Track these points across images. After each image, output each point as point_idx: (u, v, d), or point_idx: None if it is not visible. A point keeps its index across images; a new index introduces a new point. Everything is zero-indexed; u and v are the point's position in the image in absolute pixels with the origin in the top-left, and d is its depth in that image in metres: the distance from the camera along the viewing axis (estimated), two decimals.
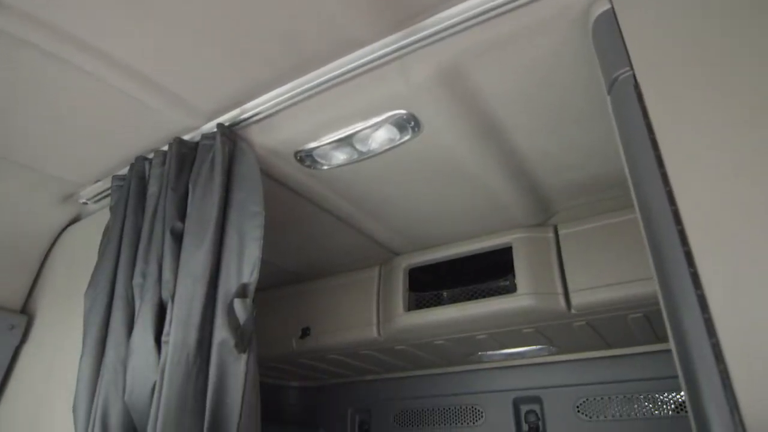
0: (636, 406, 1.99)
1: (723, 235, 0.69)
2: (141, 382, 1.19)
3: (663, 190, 0.75)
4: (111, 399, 1.21)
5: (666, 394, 1.95)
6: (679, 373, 0.71)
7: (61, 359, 1.43)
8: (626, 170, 0.84)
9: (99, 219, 1.64)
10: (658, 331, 1.83)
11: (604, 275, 1.58)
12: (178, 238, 1.28)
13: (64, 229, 1.85)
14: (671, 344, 0.74)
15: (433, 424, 2.34)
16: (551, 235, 1.75)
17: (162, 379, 1.16)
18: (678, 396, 1.93)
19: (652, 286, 1.51)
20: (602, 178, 1.60)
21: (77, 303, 1.39)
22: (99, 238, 1.50)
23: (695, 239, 0.70)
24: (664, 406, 1.95)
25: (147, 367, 1.19)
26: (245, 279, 1.24)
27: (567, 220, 1.77)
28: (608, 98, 0.92)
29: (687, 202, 0.73)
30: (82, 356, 1.28)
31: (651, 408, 1.96)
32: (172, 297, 1.22)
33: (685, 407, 1.89)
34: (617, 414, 2.00)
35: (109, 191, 1.60)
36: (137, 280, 1.31)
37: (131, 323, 1.26)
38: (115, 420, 1.20)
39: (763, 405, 0.59)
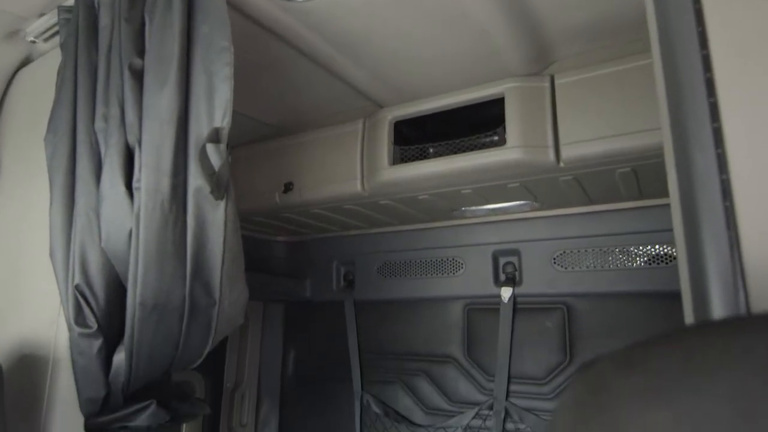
0: (611, 258, 2.06)
1: (755, 63, 0.61)
2: (116, 229, 1.16)
3: (691, 8, 0.64)
4: (87, 246, 1.18)
5: (641, 248, 2.01)
6: (677, 212, 0.68)
7: (32, 207, 1.37)
8: None
9: (52, 59, 1.48)
10: (643, 187, 1.83)
11: (598, 127, 1.52)
12: (138, 76, 1.16)
13: (15, 73, 1.68)
14: (672, 184, 0.69)
15: (415, 275, 2.44)
16: (547, 84, 1.64)
17: (138, 226, 1.13)
18: (652, 249, 1.99)
19: (647, 139, 1.47)
20: (611, 19, 1.45)
21: (41, 150, 1.30)
22: (54, 79, 1.35)
23: (721, 64, 0.61)
24: (638, 259, 2.03)
25: (121, 214, 1.15)
26: (217, 123, 1.15)
27: (564, 70, 1.65)
28: None
29: (717, 19, 0.63)
30: (51, 204, 1.23)
31: (624, 260, 2.04)
32: (139, 141, 1.13)
33: (657, 259, 1.97)
34: (591, 266, 2.09)
35: (58, 27, 1.42)
36: (99, 124, 1.20)
37: (98, 169, 1.19)
38: (94, 266, 1.19)
39: (766, 243, 0.56)
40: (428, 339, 2.40)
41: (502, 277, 2.26)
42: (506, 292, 2.20)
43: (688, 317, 0.64)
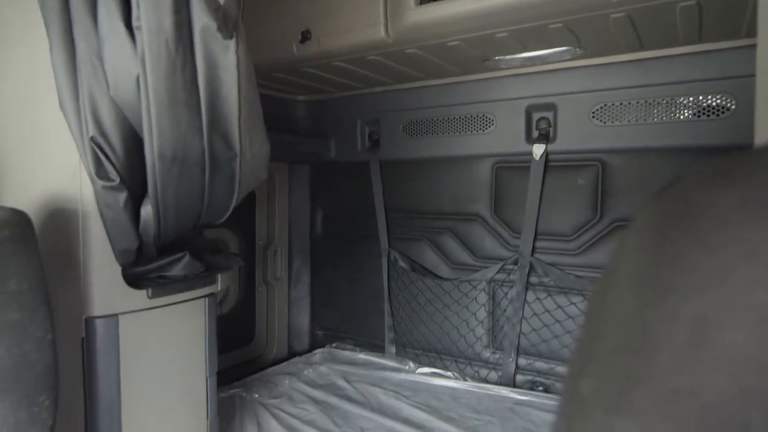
0: (655, 111, 1.91)
1: None
2: (122, 75, 1.08)
3: None
4: (96, 95, 1.11)
5: (690, 99, 1.85)
6: None
7: (35, 55, 1.28)
8: None
9: None
10: (704, 27, 1.61)
11: None
12: None
13: None
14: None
15: (442, 133, 2.35)
16: None
17: (144, 71, 1.04)
18: (703, 100, 1.82)
19: None
20: None
21: None
22: None
23: None
24: (685, 111, 1.87)
25: (125, 58, 1.06)
26: None
27: None
28: None
29: None
30: (51, 50, 1.14)
31: (670, 113, 1.89)
32: None
33: (708, 111, 1.81)
34: (633, 119, 1.94)
35: None
36: None
37: (94, 7, 1.07)
38: (107, 116, 1.13)
39: None
40: (455, 198, 2.38)
41: (535, 133, 2.15)
42: (538, 149, 2.10)
43: None
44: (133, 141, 1.17)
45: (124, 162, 1.16)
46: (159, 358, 1.35)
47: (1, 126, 1.38)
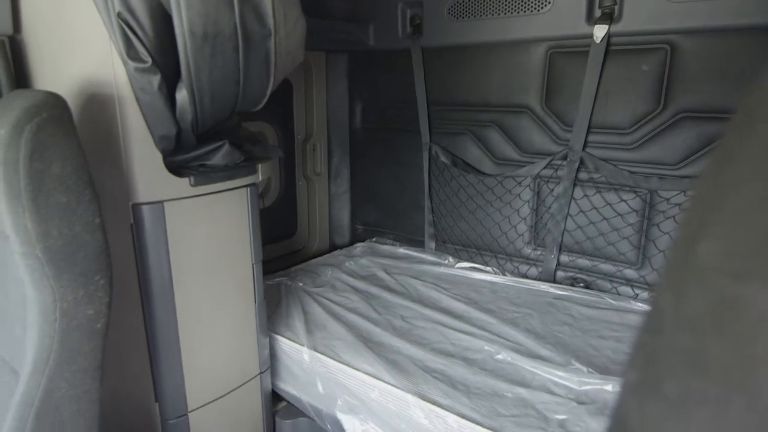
0: None
1: None
2: None
3: None
4: None
5: None
6: None
7: None
8: None
9: None
10: None
11: None
12: None
13: None
14: None
15: (491, 14, 2.13)
16: None
17: None
18: None
19: None
20: None
21: None
22: None
23: None
24: None
25: None
26: None
27: None
28: None
29: None
30: None
31: None
32: None
33: None
34: None
35: None
36: None
37: None
38: None
39: None
40: (502, 88, 2.23)
41: (597, 12, 1.92)
42: (600, 31, 1.89)
43: None
44: (162, 18, 1.09)
45: (154, 41, 1.10)
46: (206, 245, 1.38)
47: (31, 11, 1.32)
